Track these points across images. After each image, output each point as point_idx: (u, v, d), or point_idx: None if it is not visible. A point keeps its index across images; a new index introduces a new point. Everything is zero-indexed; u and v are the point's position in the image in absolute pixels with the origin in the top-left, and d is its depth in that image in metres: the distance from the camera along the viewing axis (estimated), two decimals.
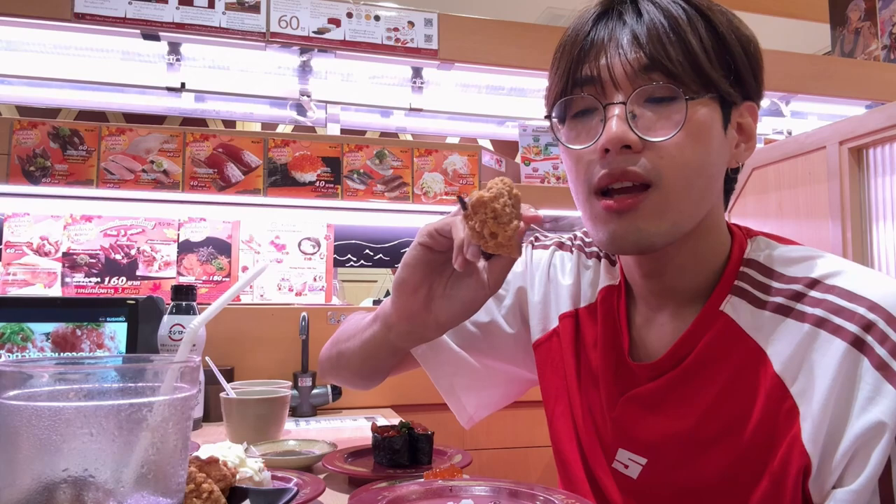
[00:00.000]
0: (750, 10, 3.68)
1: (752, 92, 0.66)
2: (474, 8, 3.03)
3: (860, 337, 0.57)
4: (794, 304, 0.62)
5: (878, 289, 0.59)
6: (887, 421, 0.54)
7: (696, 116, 0.61)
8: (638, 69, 0.61)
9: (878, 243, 1.46)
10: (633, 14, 0.63)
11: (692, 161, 0.61)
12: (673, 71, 0.60)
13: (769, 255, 0.67)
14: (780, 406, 0.60)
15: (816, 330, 0.60)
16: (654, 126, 0.61)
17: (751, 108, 0.67)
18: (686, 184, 0.62)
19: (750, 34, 0.66)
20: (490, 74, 2.27)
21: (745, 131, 0.67)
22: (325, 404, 1.54)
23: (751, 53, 0.65)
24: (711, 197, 0.66)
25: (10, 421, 0.42)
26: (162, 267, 1.84)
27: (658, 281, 0.71)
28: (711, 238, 0.69)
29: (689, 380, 0.65)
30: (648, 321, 0.74)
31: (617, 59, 0.62)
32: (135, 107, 2.21)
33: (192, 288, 1.33)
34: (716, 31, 0.63)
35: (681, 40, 0.61)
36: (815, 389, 0.58)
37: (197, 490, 0.54)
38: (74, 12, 1.88)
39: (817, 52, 3.88)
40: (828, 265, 0.64)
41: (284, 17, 2.04)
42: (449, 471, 0.75)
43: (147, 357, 0.52)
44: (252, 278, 0.67)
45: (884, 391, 0.55)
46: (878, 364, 0.56)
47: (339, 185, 1.91)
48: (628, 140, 0.61)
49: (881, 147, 1.45)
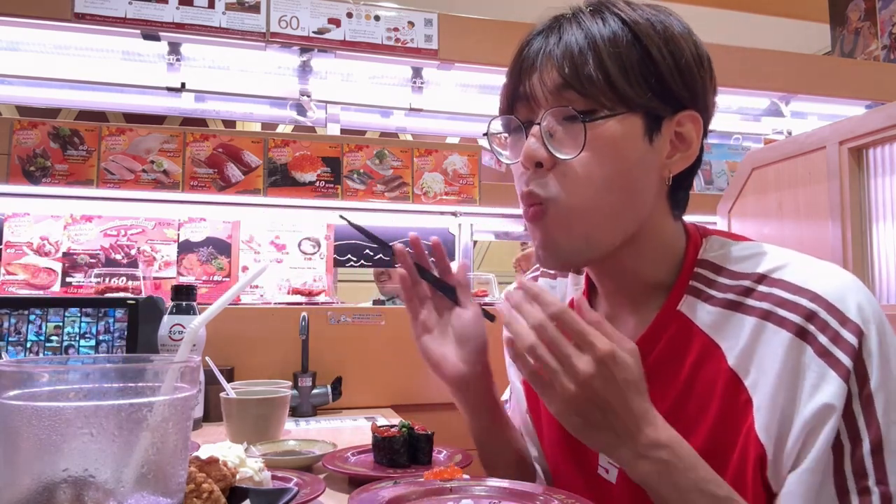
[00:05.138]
0: (750, 10, 3.68)
1: (689, 102, 0.67)
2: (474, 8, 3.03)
3: (803, 327, 0.59)
4: (743, 300, 0.64)
5: (819, 280, 0.61)
6: (834, 403, 0.56)
7: (606, 133, 0.63)
8: (553, 89, 0.65)
9: (878, 243, 1.46)
10: (557, 35, 0.66)
11: (598, 177, 0.64)
12: (585, 90, 0.63)
13: (720, 254, 0.69)
14: (737, 399, 0.62)
15: (763, 323, 0.62)
16: (565, 144, 0.64)
17: (692, 117, 0.67)
18: (592, 198, 0.64)
19: (687, 48, 0.66)
20: (490, 74, 2.27)
21: (684, 139, 0.67)
22: (325, 404, 1.54)
23: (683, 67, 0.65)
24: (635, 208, 0.67)
25: (10, 421, 0.42)
26: (162, 267, 1.84)
27: (610, 281, 0.75)
28: (655, 241, 0.70)
29: (652, 381, 0.66)
30: (613, 319, 0.76)
31: (537, 78, 0.66)
32: (135, 107, 2.21)
33: (192, 288, 1.33)
34: (642, 47, 0.64)
35: (596, 59, 0.63)
36: (765, 380, 0.60)
37: (197, 490, 0.54)
38: (74, 12, 1.88)
39: (817, 52, 3.88)
40: (774, 259, 0.65)
41: (284, 17, 2.04)
42: (449, 471, 0.75)
43: (147, 357, 0.52)
44: (252, 278, 0.67)
45: (828, 377, 0.57)
46: (820, 352, 0.58)
47: (339, 185, 1.91)
48: (538, 158, 0.65)
49: (881, 147, 1.45)
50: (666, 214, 0.71)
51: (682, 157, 0.68)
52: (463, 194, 1.99)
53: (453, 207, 2.00)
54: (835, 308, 0.59)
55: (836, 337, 0.58)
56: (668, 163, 0.67)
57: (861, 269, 1.47)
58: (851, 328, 0.58)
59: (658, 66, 0.64)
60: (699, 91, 0.67)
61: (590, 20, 0.65)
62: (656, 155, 0.66)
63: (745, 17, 3.79)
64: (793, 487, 0.58)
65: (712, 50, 0.71)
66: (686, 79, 0.66)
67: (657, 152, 0.66)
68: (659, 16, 0.67)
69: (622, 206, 0.66)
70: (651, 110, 0.65)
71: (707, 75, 0.68)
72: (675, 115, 0.67)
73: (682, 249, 0.72)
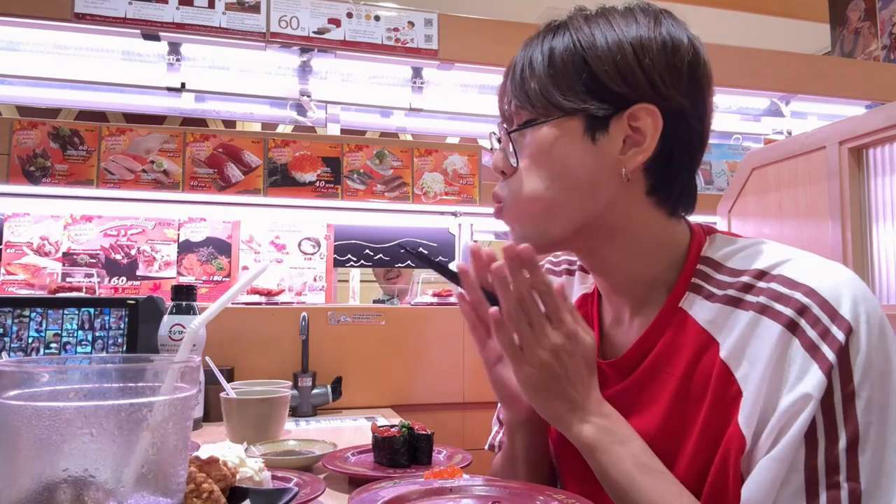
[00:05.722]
0: (750, 10, 3.68)
1: (638, 97, 0.66)
2: (474, 8, 3.03)
3: (794, 320, 0.60)
4: (742, 295, 0.65)
5: (817, 276, 0.61)
6: (812, 393, 0.57)
7: (541, 138, 0.69)
8: (511, 105, 0.73)
9: (878, 243, 1.46)
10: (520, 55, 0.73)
11: (538, 177, 0.70)
12: (527, 102, 0.70)
13: (722, 252, 0.70)
14: (727, 391, 0.63)
15: (759, 316, 0.62)
16: (518, 153, 0.72)
17: (647, 111, 0.66)
18: (532, 198, 0.71)
19: (628, 47, 0.67)
20: (490, 74, 2.27)
21: (641, 132, 0.67)
22: (325, 404, 1.54)
23: (624, 67, 0.66)
24: (584, 202, 0.70)
25: (10, 421, 0.42)
26: (162, 267, 1.84)
27: (604, 278, 0.77)
28: (643, 239, 0.71)
29: (654, 376, 0.69)
30: (616, 319, 0.77)
31: (505, 97, 0.74)
32: (135, 107, 2.21)
33: (192, 288, 1.33)
34: (579, 58, 0.67)
35: (531, 74, 0.70)
36: (754, 372, 0.61)
37: (197, 490, 0.54)
38: (74, 12, 1.88)
39: (817, 52, 3.89)
40: (775, 255, 0.66)
41: (284, 17, 2.04)
42: (449, 471, 0.75)
43: (147, 357, 0.52)
44: (252, 278, 0.67)
45: (811, 370, 0.57)
46: (807, 345, 0.58)
47: (339, 185, 1.91)
48: (498, 168, 0.75)
49: (881, 147, 1.45)
50: (651, 211, 0.71)
51: (637, 151, 0.68)
52: (463, 194, 2.00)
53: (453, 207, 2.01)
54: (828, 303, 0.59)
55: (825, 332, 0.58)
56: (622, 159, 0.68)
57: (861, 269, 1.47)
58: (841, 324, 0.58)
59: (592, 69, 0.67)
60: (643, 84, 0.66)
61: (542, 39, 0.71)
62: (603, 153, 0.68)
63: (744, 17, 3.80)
64: (758, 474, 0.59)
65: (712, 50, 0.71)
66: (625, 76, 0.66)
67: (604, 150, 0.68)
68: (615, 19, 0.69)
69: (567, 201, 0.70)
70: (589, 112, 0.67)
71: (657, 64, 0.66)
72: (625, 111, 0.67)
73: (684, 248, 0.72)
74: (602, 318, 0.81)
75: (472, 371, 1.72)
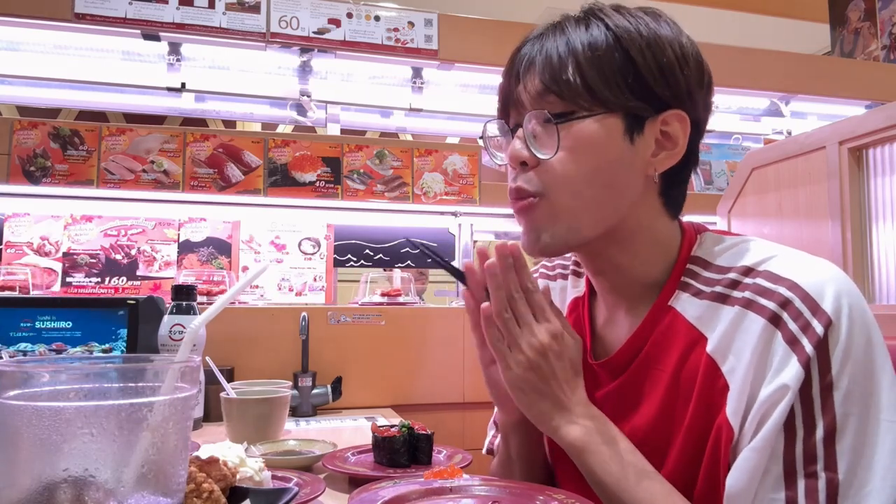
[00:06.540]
0: (750, 10, 3.68)
1: (673, 102, 0.68)
2: (474, 8, 3.03)
3: (777, 313, 0.61)
4: (729, 292, 0.66)
5: (801, 271, 0.62)
6: (790, 384, 0.58)
7: (583, 133, 0.67)
8: (535, 94, 0.69)
9: (878, 243, 1.46)
10: (541, 43, 0.70)
11: (575, 174, 0.68)
12: (563, 94, 0.67)
13: (711, 250, 0.71)
14: (715, 385, 0.64)
15: (744, 311, 0.63)
16: (546, 144, 0.69)
17: (678, 116, 0.69)
18: (572, 192, 0.68)
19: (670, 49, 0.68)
20: (490, 74, 2.27)
21: (670, 138, 0.69)
22: (325, 404, 1.54)
23: (665, 68, 0.67)
24: (616, 202, 0.70)
25: (10, 421, 0.42)
26: (162, 267, 1.84)
27: (605, 279, 0.77)
28: (648, 240, 0.72)
29: (645, 374, 0.69)
30: (609, 320, 0.78)
31: (522, 84, 0.71)
32: (135, 107, 2.21)
33: (192, 288, 1.33)
34: (623, 51, 0.67)
35: (574, 64, 0.67)
36: (740, 365, 0.62)
37: (197, 490, 0.54)
38: (74, 12, 1.88)
39: (817, 52, 3.88)
40: (762, 252, 0.67)
41: (284, 18, 2.04)
42: (449, 471, 0.75)
43: (147, 357, 0.52)
44: (252, 278, 0.67)
45: (790, 362, 0.58)
46: (789, 339, 0.59)
47: (339, 185, 1.91)
48: (521, 157, 0.70)
49: (881, 147, 1.45)
50: (659, 213, 0.73)
51: (668, 155, 0.69)
52: (463, 194, 2.00)
53: (453, 207, 2.01)
54: (810, 297, 0.60)
55: (806, 325, 0.59)
56: (652, 161, 0.69)
57: (861, 269, 1.47)
58: (822, 318, 0.59)
59: (638, 68, 0.66)
60: (683, 91, 0.68)
61: (574, 27, 0.69)
62: (638, 153, 0.69)
63: (745, 17, 3.80)
64: (740, 464, 0.60)
65: (712, 50, 0.71)
66: (668, 80, 0.67)
67: (639, 151, 0.68)
68: (644, 19, 0.69)
69: (602, 199, 0.69)
70: (631, 111, 0.67)
71: (693, 75, 0.69)
72: (660, 114, 0.68)
73: (676, 248, 0.73)
74: (594, 320, 0.81)
75: (472, 371, 1.72)
